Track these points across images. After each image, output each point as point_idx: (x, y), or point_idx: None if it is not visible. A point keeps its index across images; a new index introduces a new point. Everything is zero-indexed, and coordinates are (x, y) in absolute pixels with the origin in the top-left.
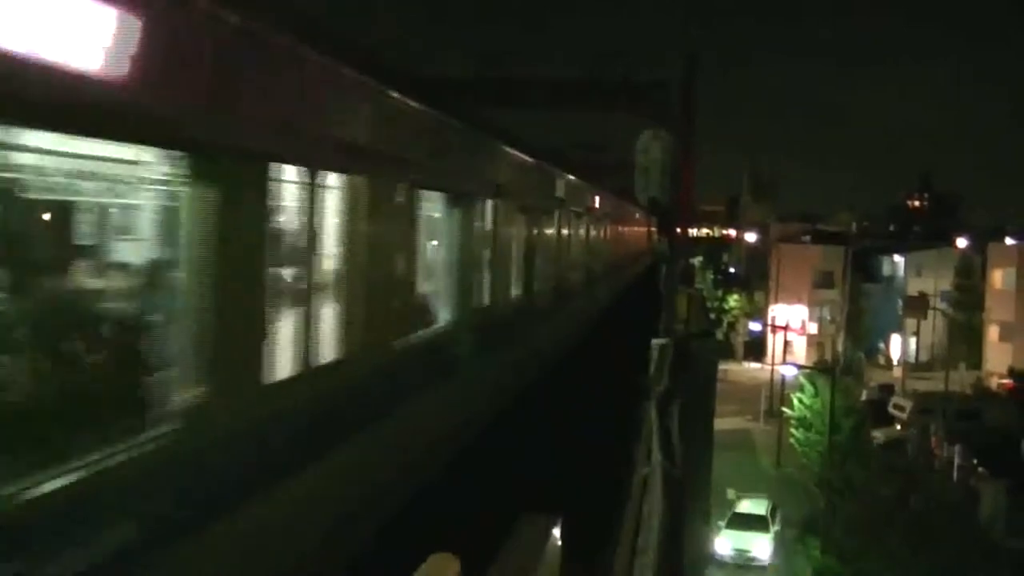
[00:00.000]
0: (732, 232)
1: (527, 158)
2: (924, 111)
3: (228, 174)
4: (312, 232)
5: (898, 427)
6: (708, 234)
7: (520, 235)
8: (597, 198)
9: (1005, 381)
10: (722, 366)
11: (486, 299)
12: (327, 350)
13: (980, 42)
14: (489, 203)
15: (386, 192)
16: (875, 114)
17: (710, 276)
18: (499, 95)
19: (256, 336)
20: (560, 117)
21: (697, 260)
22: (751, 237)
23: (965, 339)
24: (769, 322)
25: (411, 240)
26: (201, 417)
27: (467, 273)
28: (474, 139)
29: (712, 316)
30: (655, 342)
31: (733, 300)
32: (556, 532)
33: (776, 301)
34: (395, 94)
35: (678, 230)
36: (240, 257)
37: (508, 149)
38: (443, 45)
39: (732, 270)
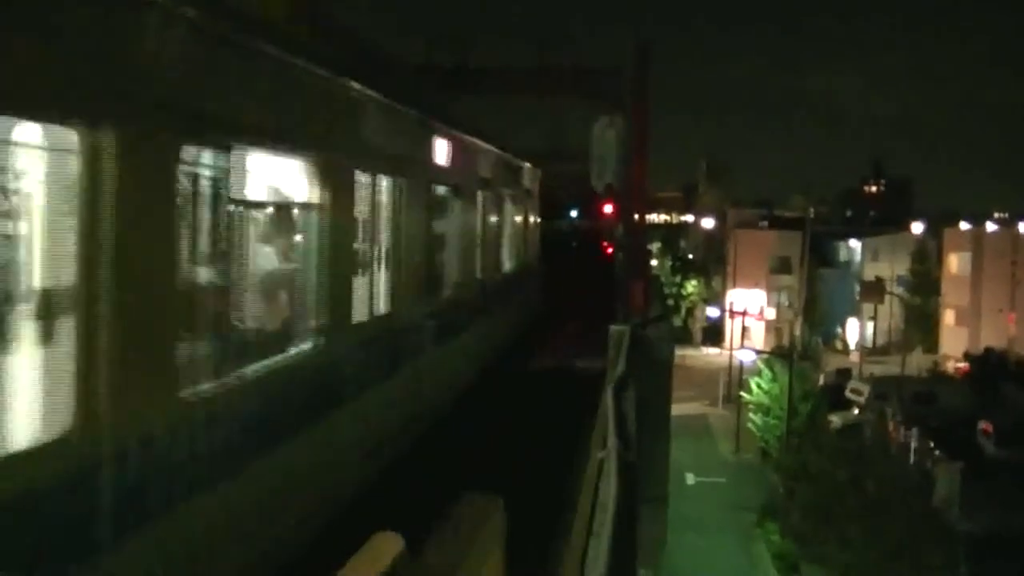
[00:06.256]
0: (689, 218)
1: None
2: (878, 99)
3: None
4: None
5: (855, 411)
6: (666, 220)
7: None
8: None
9: (961, 365)
10: (680, 351)
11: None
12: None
13: (932, 32)
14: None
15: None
16: (829, 101)
17: (667, 262)
18: (451, 82)
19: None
20: (516, 104)
21: (654, 246)
22: (708, 223)
23: (921, 323)
24: (727, 307)
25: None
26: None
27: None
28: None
29: (670, 302)
30: (612, 328)
31: (691, 286)
32: (498, 511)
33: (734, 286)
34: None
35: (636, 216)
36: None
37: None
38: (397, 30)
39: (690, 256)
